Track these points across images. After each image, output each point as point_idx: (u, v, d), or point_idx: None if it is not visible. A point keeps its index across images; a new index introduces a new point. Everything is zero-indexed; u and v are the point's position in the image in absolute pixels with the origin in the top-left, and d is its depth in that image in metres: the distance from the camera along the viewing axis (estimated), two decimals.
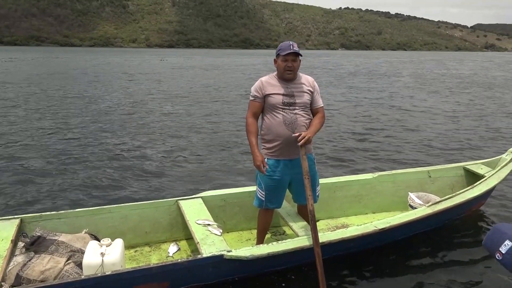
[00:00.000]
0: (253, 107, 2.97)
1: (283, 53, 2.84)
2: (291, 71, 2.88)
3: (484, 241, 2.23)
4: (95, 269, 2.58)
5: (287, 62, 2.85)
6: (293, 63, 2.87)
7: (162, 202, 3.45)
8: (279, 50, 2.89)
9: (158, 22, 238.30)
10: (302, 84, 2.96)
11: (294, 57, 2.86)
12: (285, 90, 2.91)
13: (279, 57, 2.89)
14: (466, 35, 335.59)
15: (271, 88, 2.92)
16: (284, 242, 2.85)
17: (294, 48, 2.84)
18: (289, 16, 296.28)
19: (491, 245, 2.15)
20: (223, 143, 7.20)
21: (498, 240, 2.10)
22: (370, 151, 6.80)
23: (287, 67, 2.86)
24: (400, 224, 3.12)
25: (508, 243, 2.04)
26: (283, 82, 2.93)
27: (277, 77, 2.96)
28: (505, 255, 2.04)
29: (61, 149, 6.60)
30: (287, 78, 2.91)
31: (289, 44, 2.87)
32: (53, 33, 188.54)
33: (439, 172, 4.25)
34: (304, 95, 2.94)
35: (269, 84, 2.94)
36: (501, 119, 9.96)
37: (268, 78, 2.98)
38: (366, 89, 17.05)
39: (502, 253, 2.05)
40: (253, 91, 2.98)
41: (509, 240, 2.04)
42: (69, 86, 16.66)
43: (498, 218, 4.00)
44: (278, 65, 2.91)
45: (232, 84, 18.86)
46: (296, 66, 2.89)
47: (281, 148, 2.93)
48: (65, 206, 4.15)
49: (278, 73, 2.95)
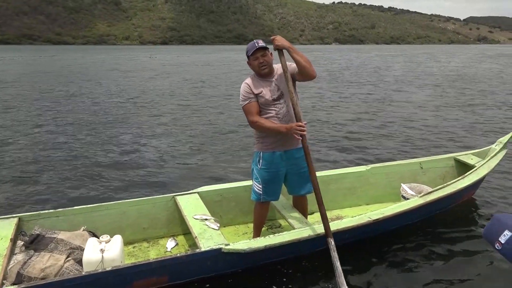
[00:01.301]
0: (251, 108, 2.98)
1: (250, 53, 2.91)
2: (266, 66, 2.93)
3: (484, 232, 2.25)
4: (95, 265, 2.61)
5: (258, 59, 2.92)
6: (264, 58, 2.92)
7: (159, 198, 3.49)
8: (247, 52, 2.95)
9: (151, 19, 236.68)
10: (279, 73, 3.01)
11: (263, 51, 2.91)
12: (270, 86, 2.98)
13: (250, 59, 2.95)
14: (459, 28, 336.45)
15: (258, 88, 2.97)
16: (280, 235, 2.91)
17: (259, 44, 2.91)
18: (282, 11, 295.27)
19: (490, 235, 2.16)
20: (218, 138, 7.25)
21: (497, 230, 2.11)
22: (362, 144, 6.88)
23: (260, 64, 2.92)
24: (393, 214, 3.18)
25: (508, 233, 2.05)
26: (264, 79, 2.99)
27: (257, 77, 3.02)
28: (504, 245, 2.05)
29: (57, 147, 6.62)
30: (264, 73, 2.96)
31: (254, 42, 2.95)
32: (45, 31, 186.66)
33: (431, 163, 4.32)
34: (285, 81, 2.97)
35: (254, 85, 2.99)
36: (490, 111, 10.09)
37: (250, 80, 3.02)
38: (356, 83, 17.14)
39: (501, 243, 2.06)
40: (243, 95, 2.99)
41: (508, 230, 2.05)
42: (61, 84, 16.58)
43: (489, 207, 4.09)
44: (252, 65, 2.97)
45: (226, 80, 18.86)
46: (268, 60, 2.93)
47: (277, 141, 3.00)
48: (63, 204, 4.18)
49: (255, 73, 3.01)
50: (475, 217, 3.91)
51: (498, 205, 4.14)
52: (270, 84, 2.98)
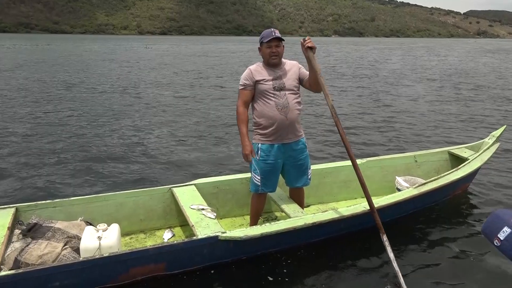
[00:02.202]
0: (243, 96, 3.05)
1: (266, 40, 2.95)
2: (276, 56, 2.99)
3: (482, 227, 2.24)
4: (93, 252, 2.64)
5: (271, 48, 2.96)
6: (277, 48, 2.97)
7: (156, 190, 3.51)
8: (262, 38, 2.99)
9: (149, 8, 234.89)
10: (288, 68, 3.08)
11: (277, 42, 2.96)
12: (274, 76, 3.02)
13: (263, 45, 3.00)
14: (459, 21, 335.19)
15: (260, 75, 3.01)
16: (276, 223, 2.94)
17: (276, 34, 2.95)
18: (282, 3, 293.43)
19: (489, 231, 2.15)
20: (214, 131, 7.27)
21: (497, 226, 2.10)
22: (358, 137, 6.92)
23: (271, 53, 2.97)
24: (388, 204, 3.22)
25: (507, 230, 2.03)
26: (271, 69, 3.04)
27: (264, 65, 3.06)
28: (503, 242, 2.04)
29: (54, 137, 6.62)
30: (273, 63, 3.01)
31: (271, 30, 2.99)
32: (43, 20, 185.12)
33: (425, 157, 4.36)
34: (292, 78, 3.06)
35: (257, 71, 3.03)
36: (484, 105, 10.15)
37: (255, 66, 3.08)
38: (352, 76, 17.15)
39: (500, 240, 2.05)
40: (242, 80, 3.06)
41: (507, 226, 2.04)
42: (59, 74, 16.51)
43: (483, 199, 4.13)
44: (263, 52, 3.02)
45: (223, 71, 18.81)
46: (280, 51, 2.99)
47: (276, 133, 3.03)
48: (60, 195, 4.20)
49: (264, 60, 3.06)
50: (469, 210, 3.95)
51: (492, 198, 4.19)
52: (275, 74, 3.03)
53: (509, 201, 4.13)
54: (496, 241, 2.08)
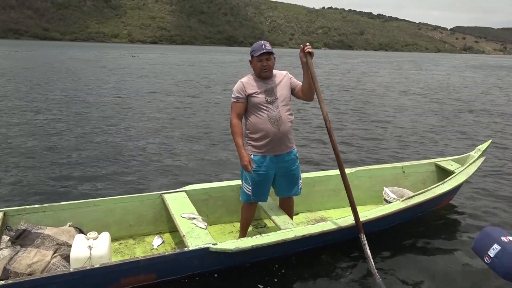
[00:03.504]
0: (236, 108, 3.07)
1: (256, 54, 2.98)
2: (267, 69, 3.03)
3: (473, 245, 2.26)
4: (83, 262, 2.62)
5: (261, 62, 3.00)
6: (268, 61, 3.01)
7: (147, 196, 3.52)
8: (252, 51, 3.02)
9: (141, 17, 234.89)
10: (279, 79, 3.12)
11: (268, 56, 3.01)
12: (265, 88, 3.05)
13: (253, 58, 3.03)
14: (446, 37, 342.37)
15: (252, 88, 3.05)
16: (267, 235, 2.97)
17: (266, 47, 2.99)
18: (273, 14, 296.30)
19: (479, 249, 2.18)
20: (205, 138, 7.30)
21: (486, 243, 2.13)
22: (346, 147, 7.02)
23: (262, 67, 3.01)
24: (376, 218, 3.29)
25: (497, 247, 2.07)
26: (262, 81, 3.07)
27: (255, 77, 3.10)
28: (493, 259, 2.07)
29: (42, 142, 6.57)
30: (264, 76, 3.05)
31: (261, 44, 3.02)
32: (32, 27, 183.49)
33: (412, 168, 4.45)
34: (283, 90, 3.10)
35: (249, 84, 3.06)
36: (470, 118, 10.40)
37: (247, 79, 3.10)
38: (341, 87, 17.41)
39: (490, 257, 2.08)
40: (235, 92, 3.08)
41: (497, 244, 2.07)
42: (50, 80, 16.37)
43: (467, 211, 4.23)
44: (254, 65, 3.05)
45: (214, 80, 18.87)
46: (271, 64, 3.04)
47: (268, 145, 3.05)
48: (49, 200, 4.16)
49: (255, 73, 3.09)
50: (453, 222, 4.04)
51: (476, 211, 4.28)
52: (266, 86, 3.06)
53: (491, 213, 4.22)
54: (486, 258, 2.11)
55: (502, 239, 2.09)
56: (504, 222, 4.02)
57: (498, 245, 2.07)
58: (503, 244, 2.07)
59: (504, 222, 4.02)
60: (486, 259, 2.12)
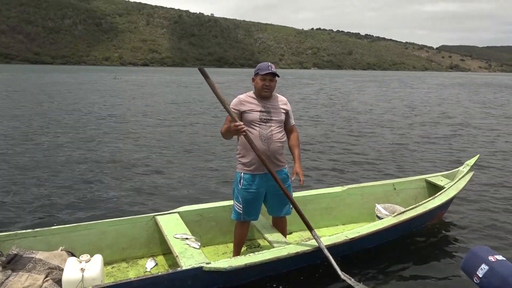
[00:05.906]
0: (228, 121, 3.12)
1: (262, 73, 3.07)
2: (268, 90, 3.11)
3: (462, 265, 2.28)
4: (75, 284, 2.60)
5: (265, 81, 3.09)
6: (271, 82, 3.10)
7: (139, 218, 3.50)
8: (258, 70, 3.12)
9: (132, 40, 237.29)
10: (277, 102, 3.20)
11: (272, 77, 3.10)
12: (262, 107, 3.12)
13: (257, 76, 3.12)
14: (432, 55, 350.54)
15: (249, 105, 3.12)
16: (260, 253, 2.97)
17: (272, 69, 3.09)
18: (262, 36, 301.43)
19: (468, 269, 2.20)
20: (197, 158, 7.31)
21: (474, 264, 2.15)
22: (336, 164, 7.10)
23: (264, 86, 3.09)
24: (368, 233, 3.31)
25: (484, 267, 2.08)
26: (260, 100, 3.15)
27: (254, 95, 3.17)
28: (482, 279, 2.08)
29: (32, 165, 6.52)
30: (264, 96, 3.13)
31: (268, 65, 3.11)
32: (23, 51, 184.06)
33: (403, 185, 4.51)
34: (280, 113, 3.18)
35: (246, 101, 3.14)
36: (457, 134, 10.59)
37: (245, 96, 3.18)
38: (329, 106, 17.68)
39: (479, 277, 2.09)
40: (231, 106, 3.13)
41: (485, 264, 2.09)
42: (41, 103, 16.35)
43: (458, 227, 4.27)
44: (256, 83, 3.13)
45: (204, 100, 18.99)
46: (273, 85, 3.13)
47: (257, 162, 3.08)
48: (40, 224, 4.11)
49: (256, 91, 3.17)
50: (445, 238, 4.07)
51: (468, 224, 4.33)
52: (264, 106, 3.13)
53: (483, 228, 4.27)
54: (475, 278, 2.13)
55: (490, 259, 2.11)
56: (496, 236, 4.07)
57: (486, 265, 2.09)
58: (490, 264, 2.09)
59: (496, 236, 4.07)
60: (475, 279, 2.13)
